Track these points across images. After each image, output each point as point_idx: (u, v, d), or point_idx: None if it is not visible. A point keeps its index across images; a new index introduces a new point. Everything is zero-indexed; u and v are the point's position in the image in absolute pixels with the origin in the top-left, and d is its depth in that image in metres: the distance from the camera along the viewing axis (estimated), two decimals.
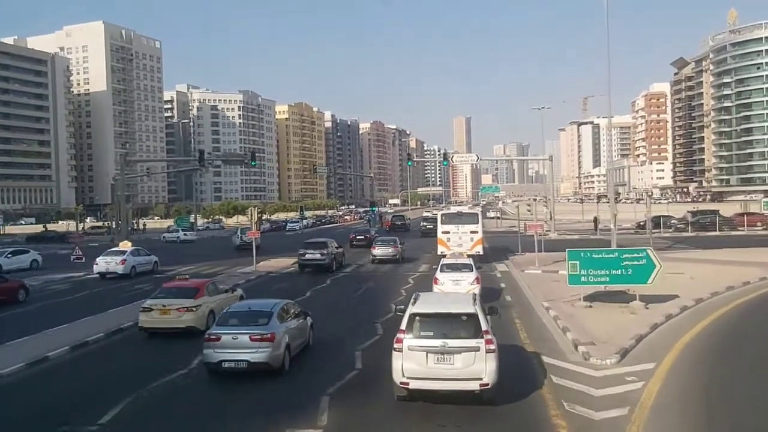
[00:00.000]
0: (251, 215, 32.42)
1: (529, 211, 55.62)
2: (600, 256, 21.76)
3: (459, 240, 36.74)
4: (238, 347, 14.26)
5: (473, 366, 11.64)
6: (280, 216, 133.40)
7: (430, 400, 12.07)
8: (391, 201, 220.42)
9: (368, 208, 71.79)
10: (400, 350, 11.95)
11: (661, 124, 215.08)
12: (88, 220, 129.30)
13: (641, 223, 54.26)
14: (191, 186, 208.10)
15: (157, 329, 19.22)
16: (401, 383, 11.94)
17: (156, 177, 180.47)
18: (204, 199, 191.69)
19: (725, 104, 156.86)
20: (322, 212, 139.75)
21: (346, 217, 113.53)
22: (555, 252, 37.04)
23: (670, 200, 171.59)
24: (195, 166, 78.48)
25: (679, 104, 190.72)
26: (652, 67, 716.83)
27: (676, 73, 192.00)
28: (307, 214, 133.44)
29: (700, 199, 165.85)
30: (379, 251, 38.90)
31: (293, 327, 15.96)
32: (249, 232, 38.79)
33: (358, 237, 53.81)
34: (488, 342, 11.81)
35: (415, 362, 11.79)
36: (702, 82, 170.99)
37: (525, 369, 14.88)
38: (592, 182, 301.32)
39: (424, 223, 64.46)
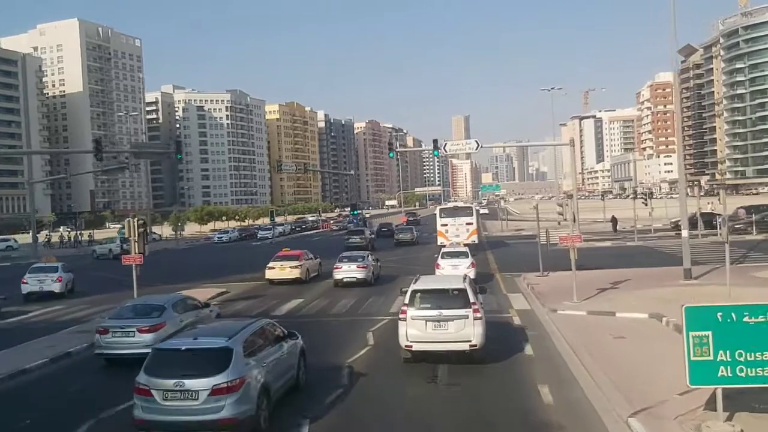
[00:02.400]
0: (130, 228, 19.67)
1: (561, 213, 39.97)
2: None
3: (456, 231, 39.47)
4: None
5: (463, 330, 14.25)
6: (266, 221, 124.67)
7: (430, 360, 14.49)
8: (387, 202, 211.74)
9: (351, 212, 62.63)
10: (405, 320, 14.59)
11: (668, 115, 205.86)
12: (61, 229, 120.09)
13: (676, 222, 45.01)
14: (176, 190, 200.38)
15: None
16: (406, 346, 14.59)
17: (140, 182, 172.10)
18: (192, 204, 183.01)
19: (738, 91, 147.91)
20: (310, 216, 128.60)
21: (330, 222, 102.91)
22: (590, 270, 27.43)
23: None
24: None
25: (688, 94, 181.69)
26: (656, 56, 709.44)
27: (683, 61, 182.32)
28: (289, 218, 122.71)
29: (714, 193, 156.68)
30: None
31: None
32: (128, 256, 22.03)
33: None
34: (475, 311, 14.41)
35: (416, 329, 14.44)
36: (712, 69, 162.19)
37: None
38: (596, 178, 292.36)
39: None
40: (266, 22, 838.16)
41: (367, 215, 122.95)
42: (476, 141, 38.60)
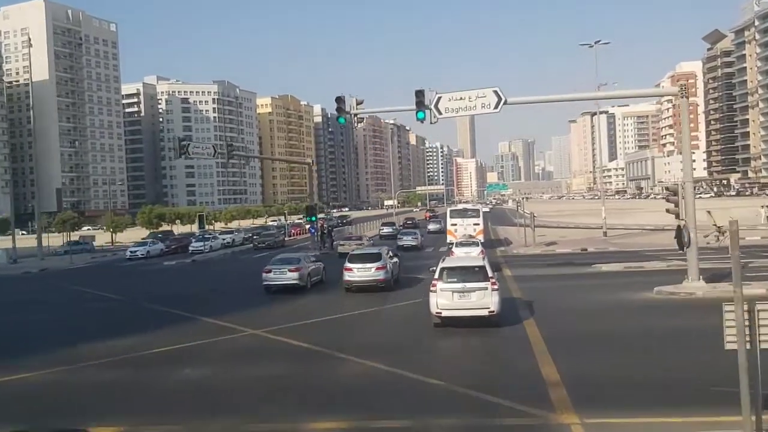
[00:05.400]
0: None
1: (718, 228, 29.91)
2: None
3: (464, 231, 41.69)
4: None
5: (483, 299, 16.81)
6: (244, 223, 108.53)
7: (455, 325, 16.83)
8: (387, 202, 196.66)
9: (316, 217, 45.82)
10: (435, 291, 17.20)
11: (691, 108, 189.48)
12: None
13: (721, 228, 31.71)
14: (158, 189, 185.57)
15: None
16: (436, 313, 17.14)
17: (114, 179, 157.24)
18: (176, 204, 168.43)
19: None
20: (272, 219, 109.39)
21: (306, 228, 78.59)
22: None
23: (710, 194, 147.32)
24: None
25: (714, 84, 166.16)
26: (675, 47, 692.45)
27: (709, 49, 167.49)
28: (253, 222, 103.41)
29: (746, 192, 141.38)
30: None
31: None
32: None
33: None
34: (493, 284, 17.05)
35: (444, 299, 17.00)
36: (744, 55, 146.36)
37: None
38: (609, 176, 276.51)
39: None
40: (261, 13, 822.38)
41: (344, 218, 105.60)
42: (496, 92, 22.83)
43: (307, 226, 52.90)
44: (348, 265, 25.55)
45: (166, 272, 41.33)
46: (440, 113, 23.21)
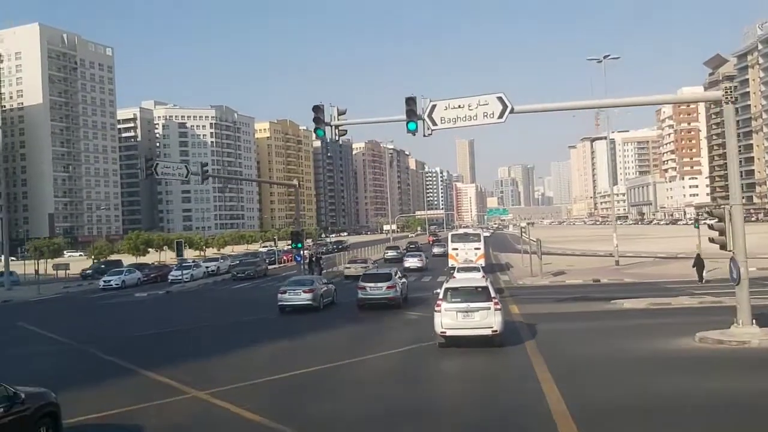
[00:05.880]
0: None
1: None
2: None
3: (466, 255, 42.66)
4: None
5: (487, 319, 17.20)
6: (238, 249, 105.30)
7: (460, 345, 17.10)
8: (386, 227, 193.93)
9: (295, 244, 42.03)
10: (439, 311, 17.56)
11: (692, 133, 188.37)
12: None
13: None
14: (154, 214, 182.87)
15: None
16: (440, 333, 17.45)
17: (108, 204, 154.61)
18: (172, 229, 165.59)
19: None
20: (263, 246, 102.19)
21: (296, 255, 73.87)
22: None
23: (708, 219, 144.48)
24: None
25: (716, 109, 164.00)
26: (676, 72, 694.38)
27: (711, 74, 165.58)
28: (247, 248, 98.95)
29: (752, 219, 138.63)
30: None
31: None
32: None
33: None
34: (496, 304, 17.51)
35: (449, 318, 17.38)
36: (747, 80, 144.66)
37: None
38: (610, 202, 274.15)
39: None
40: (261, 38, 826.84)
41: (340, 244, 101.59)
42: (500, 98, 19.44)
43: (293, 254, 49.98)
44: (361, 284, 28.31)
45: (134, 306, 37.74)
46: (434, 124, 19.60)
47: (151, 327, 26.55)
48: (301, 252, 40.70)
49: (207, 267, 56.20)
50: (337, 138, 21.50)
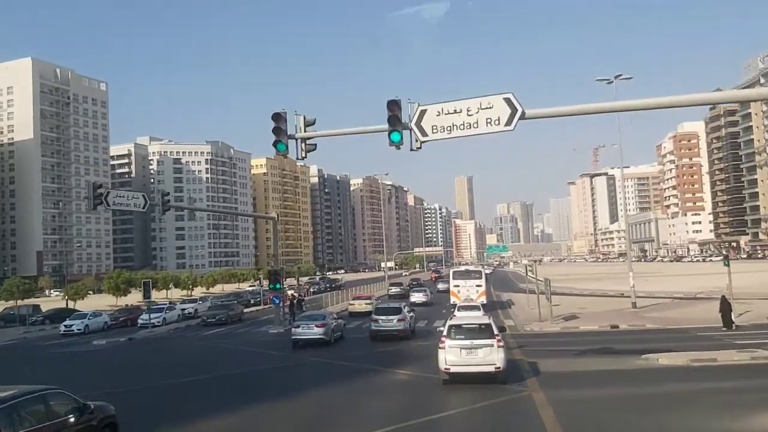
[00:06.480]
0: None
1: None
2: None
3: (467, 292, 42.51)
4: None
5: (490, 356, 17.47)
6: (227, 288, 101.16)
7: (464, 382, 17.31)
8: (383, 264, 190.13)
9: (273, 285, 38.08)
10: (443, 348, 17.83)
11: (694, 169, 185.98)
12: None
13: None
14: (148, 252, 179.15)
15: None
16: (444, 369, 17.70)
17: (99, 242, 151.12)
18: (165, 267, 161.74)
19: None
20: (249, 286, 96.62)
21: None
22: None
23: (720, 257, 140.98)
24: None
25: (719, 144, 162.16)
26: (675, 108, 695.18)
27: (712, 108, 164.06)
28: (239, 286, 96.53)
29: (758, 255, 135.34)
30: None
31: None
32: None
33: None
34: (499, 341, 17.82)
35: (453, 355, 17.64)
36: (750, 114, 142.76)
37: None
38: (611, 239, 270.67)
39: None
40: (260, 76, 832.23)
41: (334, 282, 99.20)
42: (508, 100, 14.53)
43: (271, 296, 45.47)
44: (374, 317, 31.09)
45: (83, 358, 31.83)
46: (424, 134, 15.58)
47: (85, 388, 21.72)
48: (281, 294, 36.95)
49: (183, 309, 51.61)
50: (304, 155, 17.57)
